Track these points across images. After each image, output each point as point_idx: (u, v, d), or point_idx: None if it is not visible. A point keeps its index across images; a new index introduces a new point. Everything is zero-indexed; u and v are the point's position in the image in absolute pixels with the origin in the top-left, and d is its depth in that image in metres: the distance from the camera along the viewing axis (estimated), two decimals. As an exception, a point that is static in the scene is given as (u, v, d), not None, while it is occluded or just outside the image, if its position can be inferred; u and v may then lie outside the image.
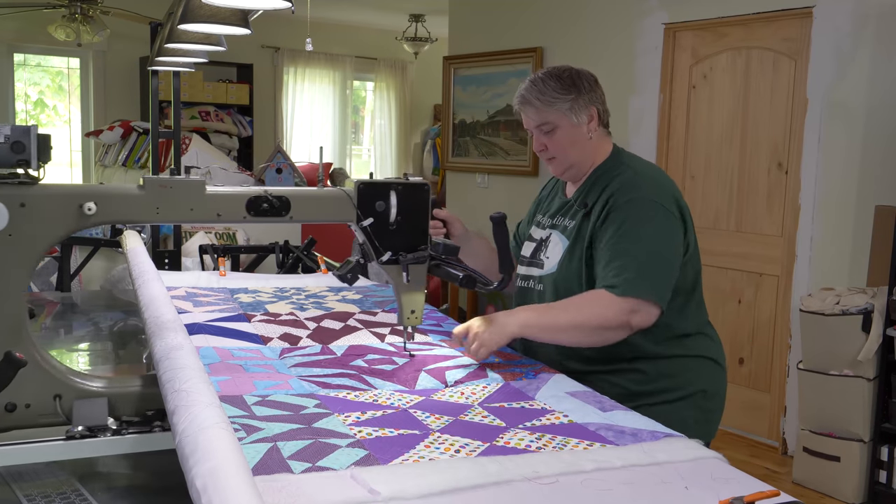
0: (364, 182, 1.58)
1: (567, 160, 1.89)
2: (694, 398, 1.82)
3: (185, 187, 1.45)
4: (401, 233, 1.62)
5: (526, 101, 1.87)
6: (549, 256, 1.90)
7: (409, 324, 1.71)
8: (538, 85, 1.86)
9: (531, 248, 1.99)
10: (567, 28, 5.10)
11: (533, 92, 1.86)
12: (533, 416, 1.43)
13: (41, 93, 8.07)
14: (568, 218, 1.90)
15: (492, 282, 1.73)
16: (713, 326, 1.97)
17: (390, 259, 1.62)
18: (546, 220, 1.98)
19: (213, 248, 3.13)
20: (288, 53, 8.87)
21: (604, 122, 1.91)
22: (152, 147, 3.68)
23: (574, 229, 1.85)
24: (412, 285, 1.66)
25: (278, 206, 1.51)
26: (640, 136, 4.64)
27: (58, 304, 2.69)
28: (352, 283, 1.70)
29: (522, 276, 1.99)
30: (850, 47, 3.75)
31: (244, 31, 1.98)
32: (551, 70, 1.89)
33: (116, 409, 1.44)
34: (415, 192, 1.62)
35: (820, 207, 3.90)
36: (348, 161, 9.53)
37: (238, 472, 0.88)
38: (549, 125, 1.86)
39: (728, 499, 1.08)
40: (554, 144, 1.87)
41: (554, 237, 1.91)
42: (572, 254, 1.84)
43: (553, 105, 1.84)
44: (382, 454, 1.20)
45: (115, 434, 1.39)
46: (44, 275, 4.28)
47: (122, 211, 1.43)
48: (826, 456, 3.59)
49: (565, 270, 1.84)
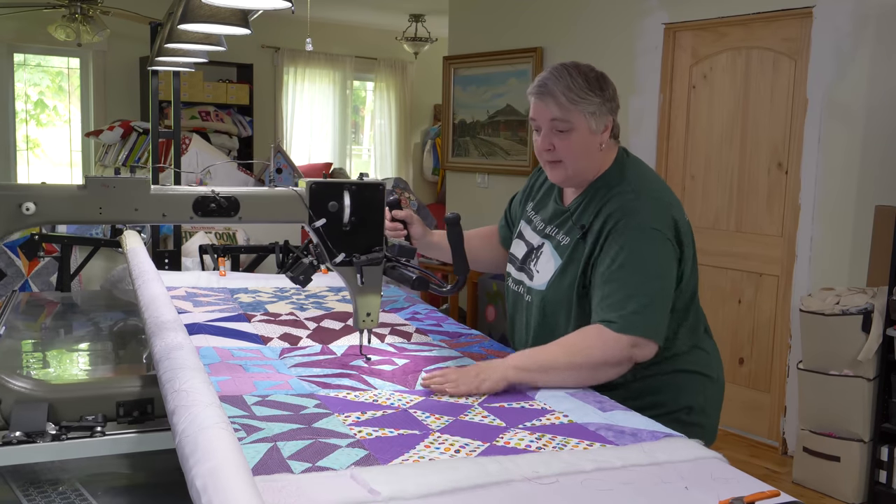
0: (316, 182, 1.53)
1: (573, 167, 1.76)
2: (676, 415, 1.75)
3: (128, 187, 1.41)
4: (355, 234, 1.56)
5: (549, 91, 1.71)
6: (539, 270, 1.82)
7: (365, 327, 1.65)
8: (565, 78, 1.70)
9: (523, 252, 1.91)
10: (567, 28, 5.10)
11: (560, 84, 1.70)
12: (533, 416, 1.43)
13: (41, 93, 8.06)
14: (563, 232, 1.81)
15: (445, 284, 1.70)
16: (711, 335, 1.90)
17: (344, 261, 1.57)
18: (539, 225, 1.89)
19: (213, 248, 3.13)
20: (288, 53, 8.87)
21: (615, 134, 1.81)
22: (152, 147, 3.68)
23: (568, 248, 1.77)
24: (367, 287, 1.60)
25: (227, 207, 1.46)
26: (640, 136, 4.64)
27: (58, 304, 2.69)
28: (304, 284, 1.65)
29: (511, 276, 1.93)
30: (850, 47, 3.75)
31: (244, 31, 1.98)
32: (580, 65, 1.73)
33: (58, 413, 1.40)
34: (369, 192, 1.56)
35: (820, 207, 3.90)
36: (348, 161, 9.53)
37: (238, 472, 0.88)
38: (566, 124, 1.71)
39: (728, 499, 1.08)
40: (565, 147, 1.73)
41: (546, 250, 1.83)
42: (563, 275, 1.76)
43: (578, 104, 1.70)
44: (382, 454, 1.20)
45: (55, 440, 1.34)
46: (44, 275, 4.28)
47: (63, 211, 1.39)
48: (826, 456, 3.59)
49: (554, 291, 1.77)
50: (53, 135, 8.18)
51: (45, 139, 8.14)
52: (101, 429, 1.39)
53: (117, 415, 1.44)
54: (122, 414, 1.44)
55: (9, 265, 4.23)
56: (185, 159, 4.86)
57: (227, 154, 7.69)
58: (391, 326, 2.02)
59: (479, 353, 1.82)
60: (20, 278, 4.25)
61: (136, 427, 1.42)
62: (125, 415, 1.44)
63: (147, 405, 1.46)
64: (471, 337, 1.97)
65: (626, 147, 1.89)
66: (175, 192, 1.48)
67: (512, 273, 1.93)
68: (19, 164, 7.80)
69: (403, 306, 2.27)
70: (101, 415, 1.42)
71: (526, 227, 1.94)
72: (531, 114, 1.78)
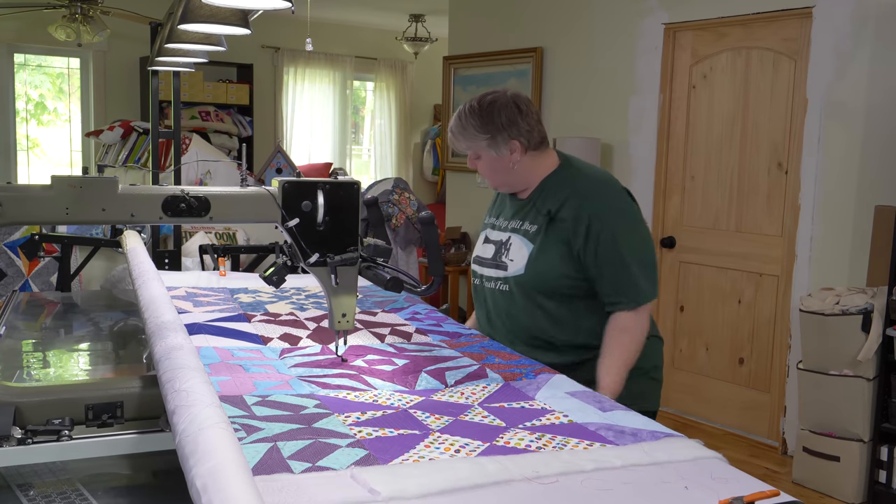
0: (289, 181, 1.50)
1: (495, 181, 2.08)
2: (650, 373, 2.06)
3: (96, 187, 1.38)
4: (329, 233, 1.53)
5: (453, 133, 2.05)
6: (513, 259, 2.02)
7: (341, 328, 1.63)
8: (460, 121, 2.02)
9: (491, 250, 2.11)
10: (567, 28, 5.10)
11: (457, 128, 2.03)
12: (533, 416, 1.43)
13: (41, 95, 8.07)
14: (528, 222, 2.04)
15: (420, 285, 1.70)
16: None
17: (318, 261, 1.54)
18: (502, 223, 2.12)
19: (213, 248, 3.13)
20: (288, 53, 8.87)
21: (532, 146, 2.01)
22: (152, 147, 3.68)
23: (539, 234, 2.00)
24: (342, 288, 1.58)
25: (197, 207, 1.43)
26: (640, 136, 4.64)
27: (58, 304, 2.68)
28: (277, 285, 1.63)
29: (485, 276, 2.11)
30: (849, 47, 3.75)
31: (244, 31, 1.98)
32: (475, 104, 2.01)
33: (24, 417, 1.39)
34: (343, 190, 1.53)
35: (820, 207, 3.90)
36: (348, 161, 9.53)
37: (238, 472, 0.88)
38: (475, 153, 2.04)
39: (728, 499, 1.08)
40: (482, 168, 2.06)
41: (515, 240, 2.04)
42: (538, 257, 1.98)
43: (474, 140, 2.00)
44: (382, 454, 1.20)
45: (20, 444, 1.33)
46: (44, 275, 4.28)
47: (30, 212, 1.37)
48: (826, 456, 3.59)
49: (532, 273, 1.99)
50: (53, 135, 8.18)
51: (46, 139, 8.14)
52: (67, 433, 1.37)
53: (86, 418, 1.43)
54: (91, 417, 1.43)
55: (9, 265, 4.24)
56: (185, 159, 4.86)
57: (227, 154, 7.69)
58: (391, 326, 2.02)
59: (479, 353, 1.82)
60: (20, 278, 4.26)
61: (106, 431, 1.41)
62: (94, 418, 1.43)
63: (117, 408, 1.44)
64: (471, 337, 1.97)
65: (626, 147, 2.04)
66: (143, 191, 1.44)
67: (483, 273, 2.12)
68: (19, 164, 7.80)
69: (403, 306, 2.27)
70: (68, 418, 1.40)
71: (491, 231, 2.15)
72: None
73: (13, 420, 1.36)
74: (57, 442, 1.36)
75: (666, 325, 4.63)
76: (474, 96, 2.05)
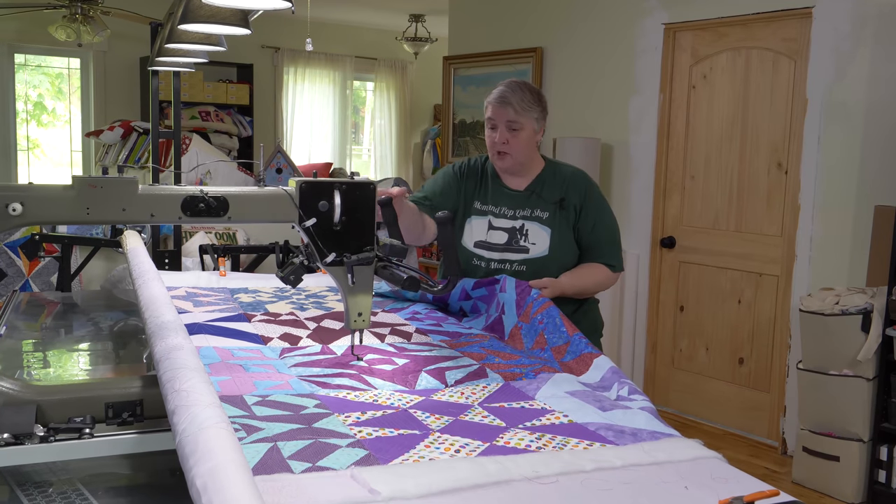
0: (306, 181, 1.52)
1: (520, 157, 2.35)
2: (601, 331, 2.50)
3: (116, 187, 1.39)
4: (345, 233, 1.55)
5: (507, 101, 2.30)
6: (535, 242, 2.34)
7: (357, 327, 1.64)
8: (518, 92, 2.30)
9: (503, 237, 2.36)
10: (567, 28, 5.10)
11: (514, 97, 2.29)
12: (533, 416, 1.43)
13: (40, 95, 8.07)
14: (538, 210, 2.36)
15: (437, 284, 1.71)
16: None
17: (334, 260, 1.55)
18: (507, 212, 2.37)
19: (214, 248, 3.13)
20: (288, 53, 8.87)
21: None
22: (152, 147, 3.68)
23: (553, 219, 2.35)
24: (358, 287, 1.59)
25: (216, 207, 1.45)
26: (640, 136, 4.64)
27: (58, 304, 2.68)
28: (294, 285, 1.64)
29: (494, 260, 2.35)
30: (849, 47, 3.76)
31: (244, 31, 1.98)
32: (524, 82, 2.35)
33: (45, 415, 1.39)
34: (360, 191, 1.55)
35: (820, 207, 3.90)
36: (348, 161, 9.53)
37: (238, 472, 0.88)
38: (518, 125, 2.31)
39: (728, 498, 1.08)
40: (516, 142, 2.32)
41: (532, 227, 2.35)
42: (560, 240, 2.34)
43: (527, 111, 2.30)
44: (382, 454, 1.20)
45: (43, 441, 1.34)
46: (44, 275, 4.28)
47: (51, 212, 1.38)
48: (825, 456, 3.59)
49: (556, 253, 2.34)
50: (54, 135, 8.18)
51: (46, 139, 8.14)
52: (89, 431, 1.38)
53: (106, 416, 1.43)
54: (111, 416, 1.43)
55: (9, 265, 4.24)
56: (185, 159, 4.86)
57: (227, 154, 7.68)
58: (391, 326, 2.02)
59: (479, 352, 1.82)
60: (21, 278, 4.26)
61: (126, 429, 1.42)
62: (114, 416, 1.43)
63: (136, 406, 1.45)
64: (471, 337, 1.97)
65: (626, 147, 2.13)
66: (163, 191, 1.45)
67: (493, 257, 2.36)
68: (20, 164, 7.80)
69: (403, 306, 2.27)
70: (89, 416, 1.41)
71: (495, 219, 2.39)
72: (490, 115, 2.34)
73: (35, 418, 1.37)
74: (79, 440, 1.37)
75: (666, 325, 4.64)
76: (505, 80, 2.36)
